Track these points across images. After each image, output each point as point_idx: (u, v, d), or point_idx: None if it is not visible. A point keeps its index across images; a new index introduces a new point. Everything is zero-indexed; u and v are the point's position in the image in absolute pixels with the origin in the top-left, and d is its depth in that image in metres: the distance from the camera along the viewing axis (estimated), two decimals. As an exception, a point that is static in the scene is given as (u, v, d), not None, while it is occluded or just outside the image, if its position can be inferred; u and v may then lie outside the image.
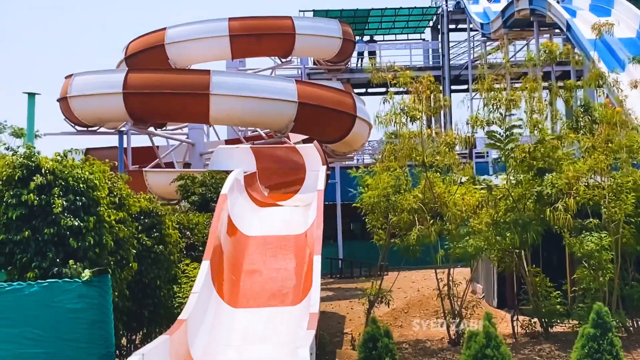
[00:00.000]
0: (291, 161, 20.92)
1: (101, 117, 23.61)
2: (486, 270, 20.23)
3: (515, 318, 15.51)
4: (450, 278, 15.56)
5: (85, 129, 24.74)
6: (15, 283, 9.24)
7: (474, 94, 25.21)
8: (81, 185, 10.24)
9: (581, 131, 15.56)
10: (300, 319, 12.37)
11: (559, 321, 15.47)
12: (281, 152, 22.01)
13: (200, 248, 15.06)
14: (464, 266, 20.15)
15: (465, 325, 15.03)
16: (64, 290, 9.19)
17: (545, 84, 17.67)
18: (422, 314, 18.37)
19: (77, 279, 9.33)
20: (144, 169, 24.00)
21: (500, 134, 15.11)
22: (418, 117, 15.23)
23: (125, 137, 24.78)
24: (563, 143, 15.45)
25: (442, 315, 15.62)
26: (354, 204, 17.04)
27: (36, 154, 10.33)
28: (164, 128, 28.55)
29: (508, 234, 14.30)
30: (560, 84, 17.46)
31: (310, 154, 20.76)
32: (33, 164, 10.13)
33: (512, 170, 15.14)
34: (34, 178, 10.01)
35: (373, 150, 39.26)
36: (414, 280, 25.39)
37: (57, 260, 9.80)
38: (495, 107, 15.04)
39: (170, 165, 28.00)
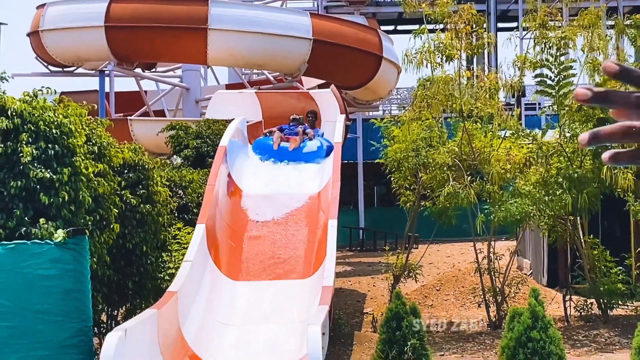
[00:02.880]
0: (304, 110, 20.89)
1: (79, 55, 23.68)
2: (535, 243, 20.29)
3: (567, 298, 15.57)
4: (492, 250, 15.61)
5: (60, 69, 24.83)
6: (-25, 244, 9.33)
7: (524, 32, 25.04)
8: (54, 131, 10.25)
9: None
10: (311, 294, 12.49)
11: (620, 302, 15.52)
12: (292, 99, 22.00)
13: (194, 210, 15.15)
14: (509, 238, 20.23)
15: (508, 305, 15.10)
16: (33, 253, 9.25)
17: (610, 22, 17.53)
18: (457, 291, 18.47)
19: (48, 241, 9.39)
20: (129, 117, 24.12)
21: (551, 77, 15.06)
22: (455, 56, 15.19)
23: (107, 78, 24.88)
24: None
25: (480, 293, 15.71)
26: (377, 160, 17.10)
27: (1, 93, 10.37)
28: (154, 69, 28.63)
29: (559, 193, 14.32)
30: (629, 21, 17.28)
31: (327, 101, 20.76)
32: (-3, 105, 10.19)
33: (566, 121, 15.11)
34: (-1, 121, 10.07)
35: (402, 100, 39.26)
36: (448, 255, 25.55)
37: (26, 218, 9.84)
38: (546, 46, 14.97)
39: (160, 113, 28.13)
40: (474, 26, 15.73)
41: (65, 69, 24.87)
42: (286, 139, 17.51)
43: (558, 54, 14.99)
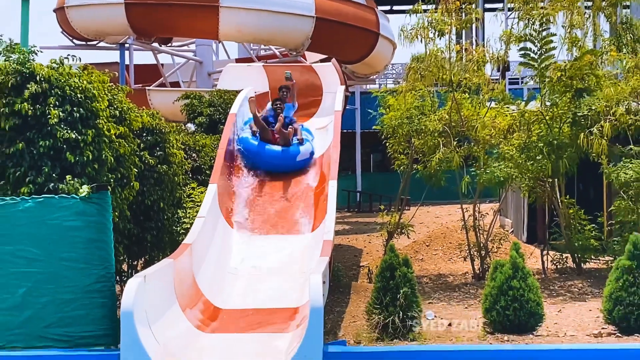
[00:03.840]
0: (307, 81, 20.86)
1: (101, 29, 23.65)
2: (516, 203, 20.33)
3: (545, 253, 15.62)
4: (477, 209, 15.65)
5: (84, 42, 24.79)
6: (8, 198, 9.35)
7: (509, 13, 24.94)
8: (79, 95, 10.26)
9: (624, 50, 15.45)
10: (313, 248, 12.51)
11: (592, 257, 15.57)
12: (296, 72, 21.92)
13: (207, 172, 15.15)
14: (494, 201, 20.27)
15: (491, 259, 15.15)
16: (60, 206, 9.29)
17: (589, 2, 17.46)
18: (444, 247, 18.52)
19: (74, 195, 9.43)
20: (147, 88, 24.10)
21: (534, 51, 15.04)
22: (446, 31, 15.17)
23: (127, 52, 24.84)
24: (603, 61, 15.34)
25: (466, 248, 15.76)
26: (374, 127, 17.10)
27: (31, 60, 10.36)
28: (170, 44, 28.57)
29: (540, 158, 14.34)
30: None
31: (328, 74, 20.69)
32: (27, 71, 10.16)
33: (547, 92, 15.10)
34: (28, 86, 10.05)
35: (397, 75, 39.13)
36: (437, 215, 25.59)
37: (53, 175, 9.89)
38: (530, 22, 14.94)
39: (175, 85, 28.11)
40: (463, 5, 15.68)
41: (88, 43, 24.86)
42: (272, 137, 15.49)
43: (540, 29, 14.96)
